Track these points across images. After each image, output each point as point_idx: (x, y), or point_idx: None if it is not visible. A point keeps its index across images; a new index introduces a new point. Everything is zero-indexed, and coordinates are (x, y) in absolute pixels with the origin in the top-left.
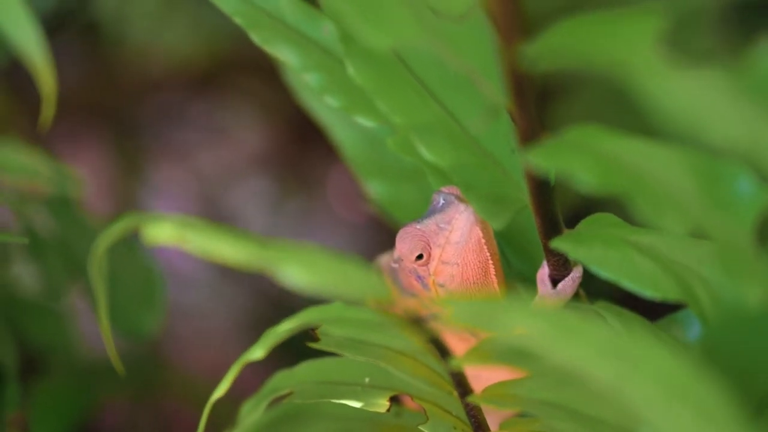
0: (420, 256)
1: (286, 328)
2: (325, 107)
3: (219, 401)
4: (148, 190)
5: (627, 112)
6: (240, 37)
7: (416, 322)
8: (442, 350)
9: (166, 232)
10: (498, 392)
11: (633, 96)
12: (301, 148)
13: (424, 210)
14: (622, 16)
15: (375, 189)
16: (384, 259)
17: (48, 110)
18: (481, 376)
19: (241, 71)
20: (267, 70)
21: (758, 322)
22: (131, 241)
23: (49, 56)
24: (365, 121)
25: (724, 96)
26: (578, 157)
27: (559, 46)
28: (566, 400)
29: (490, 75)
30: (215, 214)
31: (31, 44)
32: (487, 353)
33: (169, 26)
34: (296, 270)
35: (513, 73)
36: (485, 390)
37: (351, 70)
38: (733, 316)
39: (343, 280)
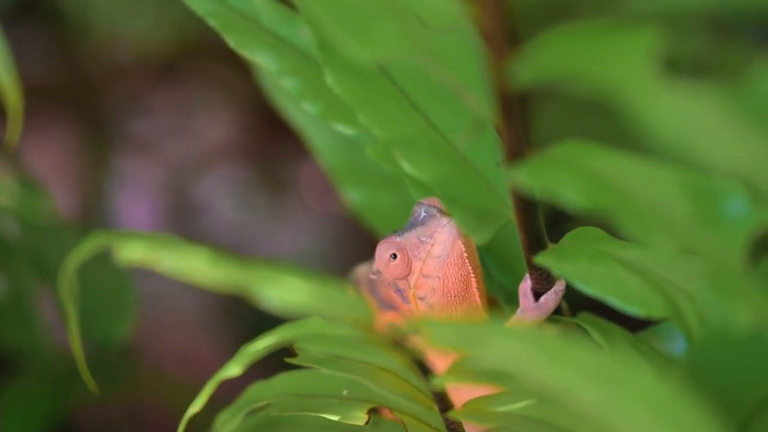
0: (400, 269)
1: (263, 345)
2: (300, 111)
3: (187, 397)
4: (114, 181)
5: (605, 113)
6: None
7: (398, 342)
8: (423, 368)
9: (138, 252)
10: (478, 407)
11: (626, 116)
12: (273, 138)
13: (402, 217)
14: (614, 30)
15: (352, 196)
16: (362, 270)
17: (14, 128)
18: (461, 389)
19: (210, 59)
20: (237, 59)
21: (746, 343)
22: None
23: (15, 71)
24: (344, 129)
25: (721, 118)
26: (565, 176)
27: (549, 62)
28: (548, 417)
29: (476, 88)
30: (183, 205)
31: None
32: (468, 372)
33: (135, 13)
34: (275, 292)
35: (501, 89)
36: (466, 405)
37: (330, 79)
38: (719, 335)
39: (323, 301)
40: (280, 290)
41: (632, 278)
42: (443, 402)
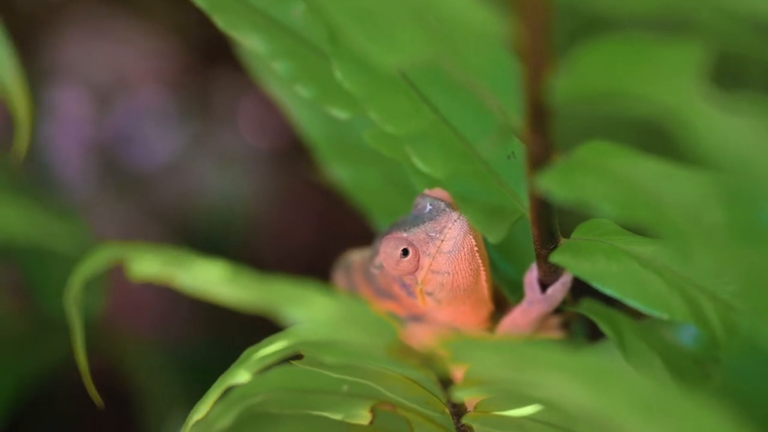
0: (408, 265)
1: (272, 350)
2: (283, 86)
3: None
4: (44, 114)
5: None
6: None
7: (428, 361)
8: (444, 379)
9: (152, 267)
10: (492, 411)
11: (677, 136)
12: (209, 70)
13: (391, 195)
14: (657, 44)
15: (339, 173)
16: (355, 257)
17: (23, 138)
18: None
19: None
20: None
21: None
22: (71, 222)
23: (24, 80)
24: (339, 113)
25: None
26: (595, 184)
27: (590, 80)
28: (567, 423)
29: (504, 96)
30: (111, 137)
31: (3, 66)
32: (493, 390)
33: None
34: (300, 311)
35: (535, 102)
36: (479, 408)
37: (338, 74)
38: (751, 346)
39: (349, 320)
40: (306, 310)
41: (651, 277)
42: (457, 408)
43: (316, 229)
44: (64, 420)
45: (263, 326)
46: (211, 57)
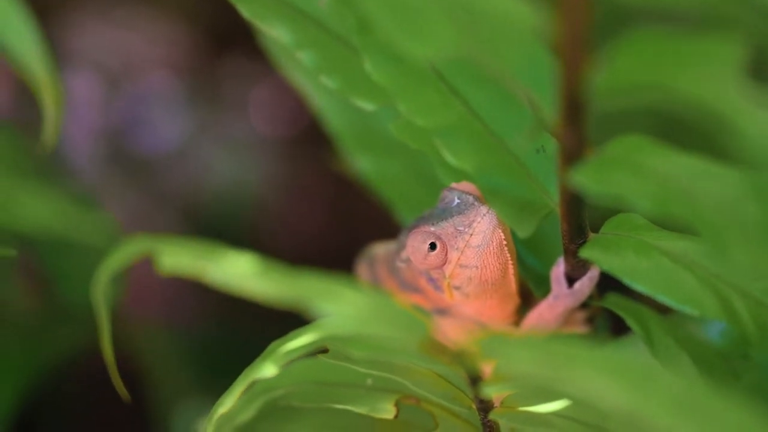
0: (436, 259)
1: (298, 344)
2: (305, 73)
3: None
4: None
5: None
6: None
7: (458, 356)
8: (473, 375)
9: (181, 261)
10: (522, 407)
11: (716, 130)
12: (218, 57)
13: (413, 186)
14: (695, 38)
15: (362, 164)
16: (379, 250)
17: (51, 130)
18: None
19: None
20: None
21: None
22: (92, 210)
23: (55, 72)
24: (365, 104)
25: None
26: (631, 180)
27: (629, 73)
28: (594, 419)
29: (538, 89)
30: (120, 122)
31: (32, 55)
32: (522, 385)
33: None
34: (330, 306)
35: (570, 95)
36: (506, 404)
37: (368, 65)
38: None
39: (380, 315)
40: (336, 304)
41: (681, 273)
42: (484, 403)
43: (326, 217)
44: (75, 404)
45: (274, 313)
46: (220, 43)
